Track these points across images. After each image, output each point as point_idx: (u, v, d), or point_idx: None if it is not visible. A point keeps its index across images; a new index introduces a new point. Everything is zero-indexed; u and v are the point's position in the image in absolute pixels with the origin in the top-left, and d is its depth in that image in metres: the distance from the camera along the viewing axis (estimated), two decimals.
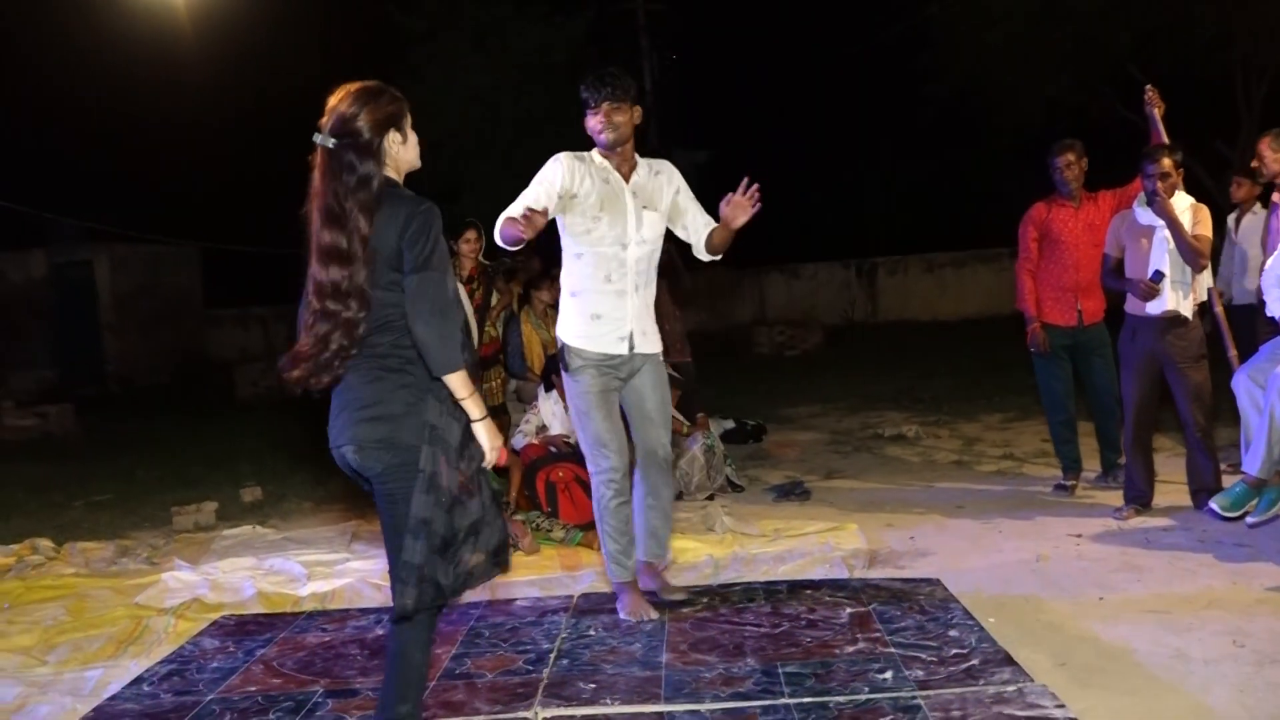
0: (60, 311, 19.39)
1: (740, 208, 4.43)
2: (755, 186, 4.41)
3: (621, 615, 4.42)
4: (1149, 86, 6.01)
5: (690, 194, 4.66)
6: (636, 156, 4.52)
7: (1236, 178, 7.27)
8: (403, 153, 3.08)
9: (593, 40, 18.57)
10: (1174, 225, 5.38)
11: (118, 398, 17.31)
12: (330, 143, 2.97)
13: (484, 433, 3.05)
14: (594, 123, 4.40)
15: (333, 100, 3.03)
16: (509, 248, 4.29)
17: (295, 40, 21.00)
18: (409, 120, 3.10)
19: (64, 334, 19.33)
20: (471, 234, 7.15)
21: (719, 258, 4.74)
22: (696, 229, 4.64)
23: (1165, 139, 5.84)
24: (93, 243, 19.38)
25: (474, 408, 3.02)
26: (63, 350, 19.29)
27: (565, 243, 4.48)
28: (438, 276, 2.94)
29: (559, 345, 4.49)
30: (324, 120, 3.01)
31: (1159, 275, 5.41)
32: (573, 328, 4.44)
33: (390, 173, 3.05)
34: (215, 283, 22.66)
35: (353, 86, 3.04)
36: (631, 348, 4.43)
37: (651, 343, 4.53)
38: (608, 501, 4.47)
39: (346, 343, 2.96)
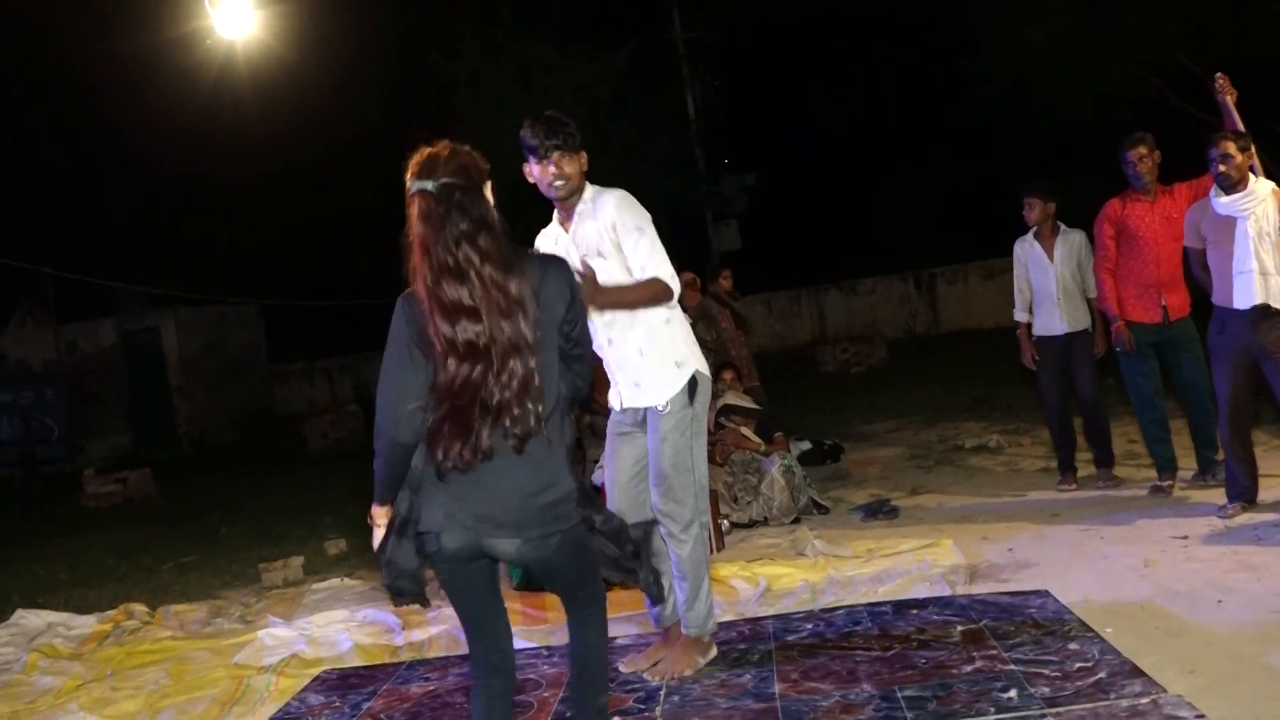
0: (131, 377, 19.78)
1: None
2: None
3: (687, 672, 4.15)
4: (1219, 75, 5.86)
5: (627, 232, 4.02)
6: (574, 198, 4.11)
7: None
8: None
9: (634, 73, 18.63)
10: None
11: (192, 459, 17.57)
12: (431, 186, 2.74)
13: None
14: (543, 174, 4.01)
15: (419, 157, 2.82)
16: None
17: (344, 95, 21.38)
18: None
19: (136, 399, 19.73)
20: None
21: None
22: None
23: (1239, 126, 5.69)
24: (158, 308, 19.77)
25: None
26: (136, 415, 19.68)
27: None
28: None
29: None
30: (414, 173, 2.79)
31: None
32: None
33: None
34: (278, 338, 23.00)
35: (437, 144, 2.86)
36: (621, 403, 4.17)
37: (646, 395, 4.09)
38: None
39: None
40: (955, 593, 4.79)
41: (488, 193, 2.83)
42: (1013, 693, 3.49)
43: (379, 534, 2.89)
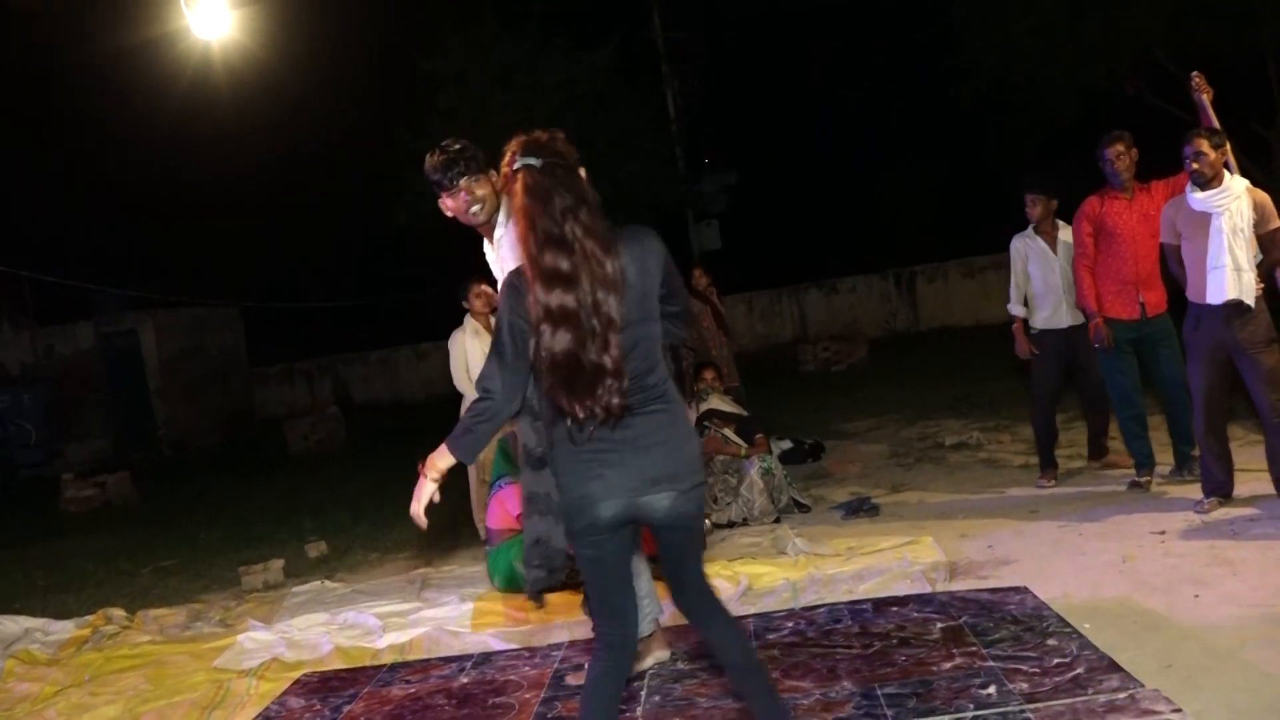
0: (109, 380, 19.65)
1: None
2: None
3: None
4: (1196, 74, 5.90)
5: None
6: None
7: None
8: None
9: (616, 71, 18.62)
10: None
11: (172, 462, 17.48)
12: (537, 162, 2.84)
13: None
14: (457, 205, 4.05)
15: (520, 139, 2.93)
16: None
17: (323, 96, 21.28)
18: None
19: (115, 403, 19.60)
20: (485, 286, 6.75)
21: None
22: None
23: (1215, 124, 5.73)
24: (136, 310, 19.65)
25: None
26: (115, 419, 19.54)
27: None
28: None
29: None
30: (512, 154, 2.90)
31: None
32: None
33: None
34: (257, 340, 22.91)
35: (534, 132, 2.98)
36: None
37: None
38: None
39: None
40: (935, 590, 4.81)
41: (583, 174, 2.93)
42: (992, 689, 3.51)
43: (430, 488, 3.01)
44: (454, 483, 8.71)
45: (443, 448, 3.01)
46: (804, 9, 21.78)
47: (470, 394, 6.75)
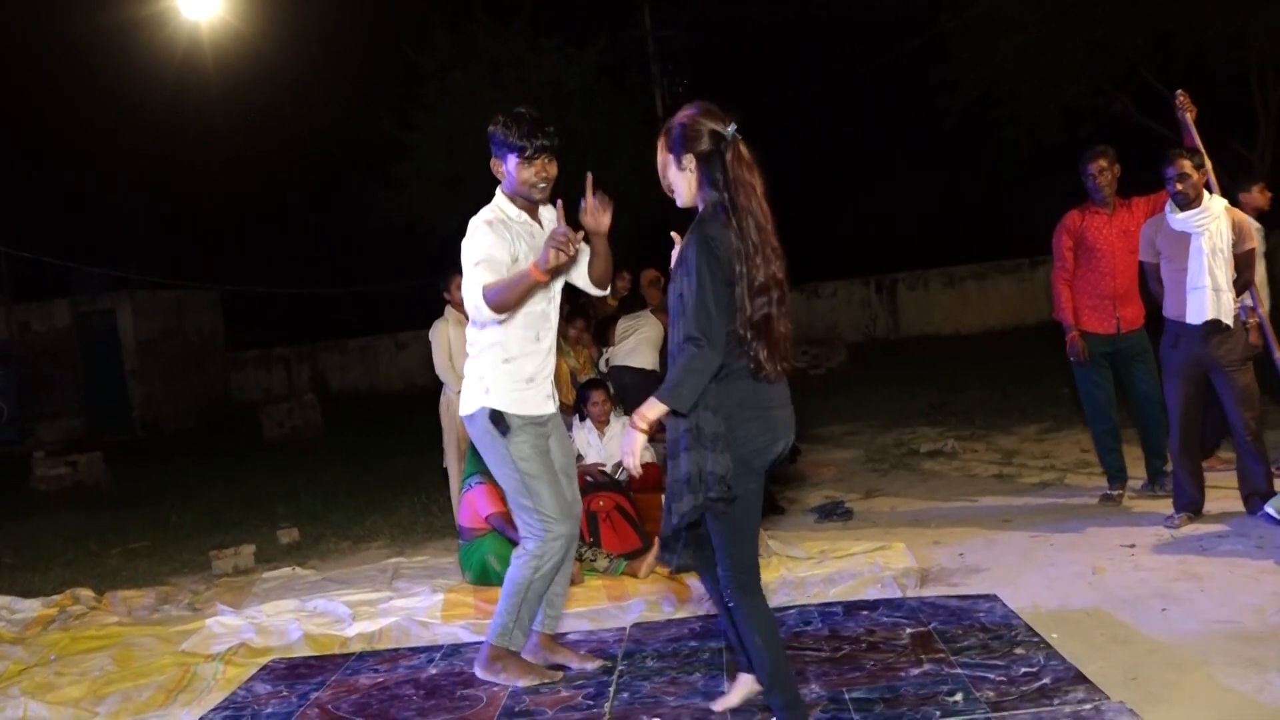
0: (85, 360, 19.48)
1: (602, 210, 4.02)
2: (589, 180, 3.98)
3: (520, 684, 4.07)
4: (1180, 92, 5.95)
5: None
6: None
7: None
8: None
9: (604, 69, 18.62)
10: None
11: (146, 444, 17.36)
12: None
13: None
14: (528, 174, 3.99)
15: (705, 108, 3.32)
16: (499, 316, 3.92)
17: (310, 82, 21.20)
18: None
19: (89, 382, 19.43)
20: None
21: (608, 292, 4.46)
22: (581, 265, 4.23)
23: (1198, 143, 5.77)
24: (114, 290, 19.50)
25: None
26: (89, 399, 19.39)
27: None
28: None
29: (481, 412, 4.02)
30: (718, 121, 3.28)
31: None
32: (506, 394, 4.02)
33: None
34: (236, 325, 22.79)
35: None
36: (555, 405, 4.20)
37: (557, 398, 4.26)
38: (555, 566, 4.07)
39: None
40: (906, 595, 4.83)
41: None
42: (958, 696, 3.53)
43: (640, 440, 3.21)
44: (429, 480, 8.64)
45: (652, 400, 3.17)
46: (792, 14, 21.81)
47: (453, 383, 6.73)
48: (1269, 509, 5.33)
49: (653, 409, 3.16)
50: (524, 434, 4.02)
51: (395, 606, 5.50)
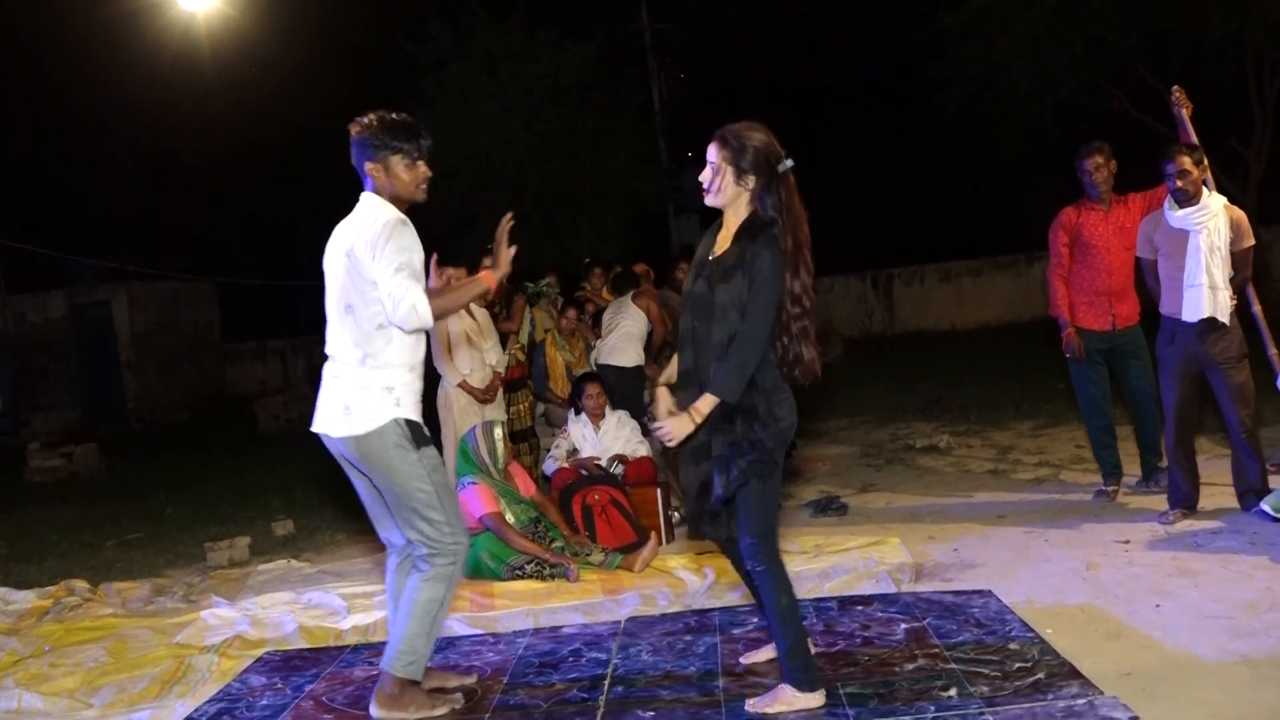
0: (80, 352, 19.46)
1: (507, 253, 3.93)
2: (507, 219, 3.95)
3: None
4: (1176, 88, 5.95)
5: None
6: None
7: None
8: None
9: (601, 63, 18.59)
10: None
11: (141, 436, 17.35)
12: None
13: None
14: (413, 176, 3.86)
15: (767, 133, 3.77)
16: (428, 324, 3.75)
17: (306, 74, 21.12)
18: None
19: (85, 374, 19.41)
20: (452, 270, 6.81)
21: None
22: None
23: (1194, 139, 5.77)
24: (110, 282, 19.47)
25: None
26: (84, 390, 19.37)
27: (376, 318, 3.81)
28: None
29: (392, 424, 3.79)
30: (778, 150, 3.72)
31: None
32: (413, 404, 3.86)
33: None
34: (232, 317, 22.74)
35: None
36: None
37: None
38: (454, 586, 3.89)
39: None
40: (900, 590, 4.84)
41: None
42: (953, 691, 3.54)
43: (687, 430, 3.54)
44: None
45: (707, 396, 3.52)
46: (790, 8, 21.80)
47: (450, 374, 6.74)
48: (1265, 506, 5.34)
49: (707, 403, 3.51)
50: (430, 444, 3.88)
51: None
